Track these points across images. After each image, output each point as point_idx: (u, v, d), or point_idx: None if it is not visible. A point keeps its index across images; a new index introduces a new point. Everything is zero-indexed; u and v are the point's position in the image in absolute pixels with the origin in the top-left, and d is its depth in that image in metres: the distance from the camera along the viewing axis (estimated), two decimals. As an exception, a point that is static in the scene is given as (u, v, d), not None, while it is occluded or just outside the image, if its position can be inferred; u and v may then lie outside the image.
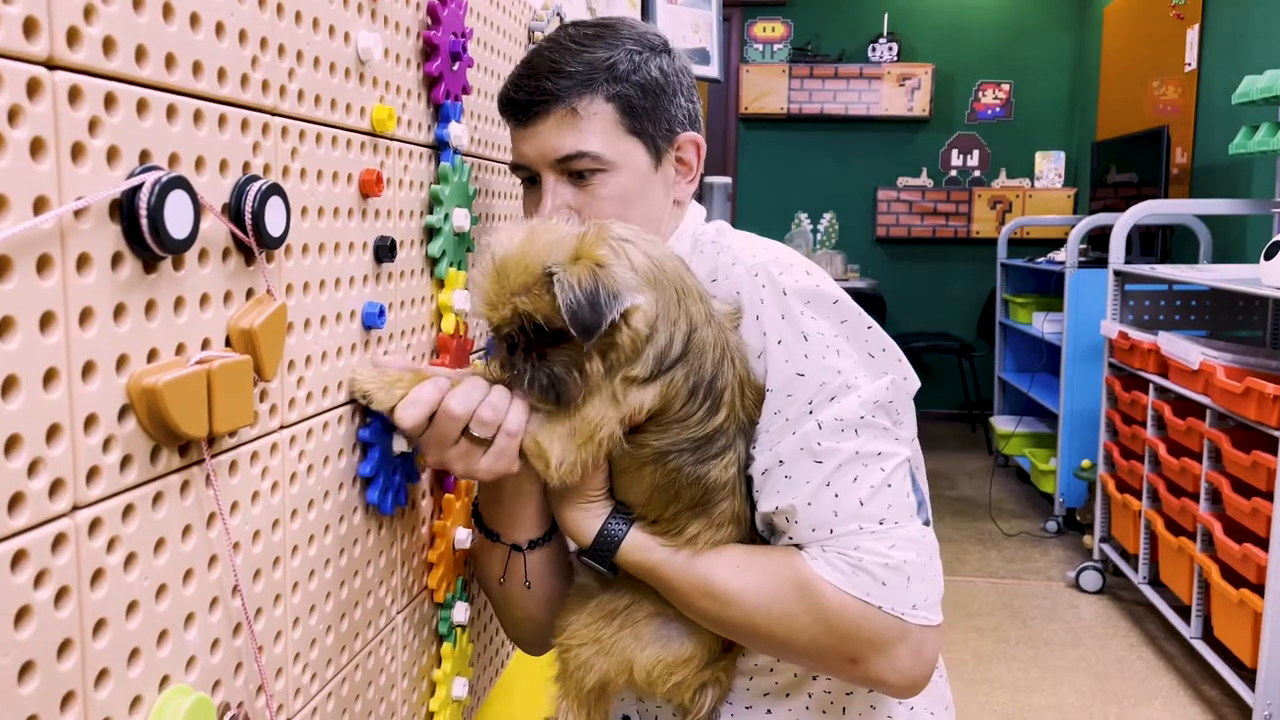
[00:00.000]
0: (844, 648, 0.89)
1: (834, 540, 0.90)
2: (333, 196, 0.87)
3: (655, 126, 1.05)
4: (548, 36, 1.09)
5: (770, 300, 0.93)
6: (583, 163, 1.02)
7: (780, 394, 0.92)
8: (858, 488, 0.90)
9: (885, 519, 0.90)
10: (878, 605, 0.88)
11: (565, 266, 0.84)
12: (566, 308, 0.82)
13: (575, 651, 1.00)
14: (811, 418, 0.90)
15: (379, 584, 1.00)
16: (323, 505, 0.87)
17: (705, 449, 0.91)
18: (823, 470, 0.90)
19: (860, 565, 0.88)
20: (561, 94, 1.01)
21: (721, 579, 0.92)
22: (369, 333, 0.95)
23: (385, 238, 0.97)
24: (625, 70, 1.03)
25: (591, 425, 0.87)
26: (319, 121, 0.84)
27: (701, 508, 0.93)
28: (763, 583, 0.91)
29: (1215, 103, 3.99)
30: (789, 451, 0.91)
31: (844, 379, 0.91)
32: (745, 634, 0.95)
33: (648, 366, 0.87)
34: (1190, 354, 2.62)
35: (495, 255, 0.88)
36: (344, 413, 0.91)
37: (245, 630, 0.74)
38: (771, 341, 0.92)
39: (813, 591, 0.89)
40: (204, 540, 0.69)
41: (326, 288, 0.87)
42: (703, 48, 3.21)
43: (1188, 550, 2.67)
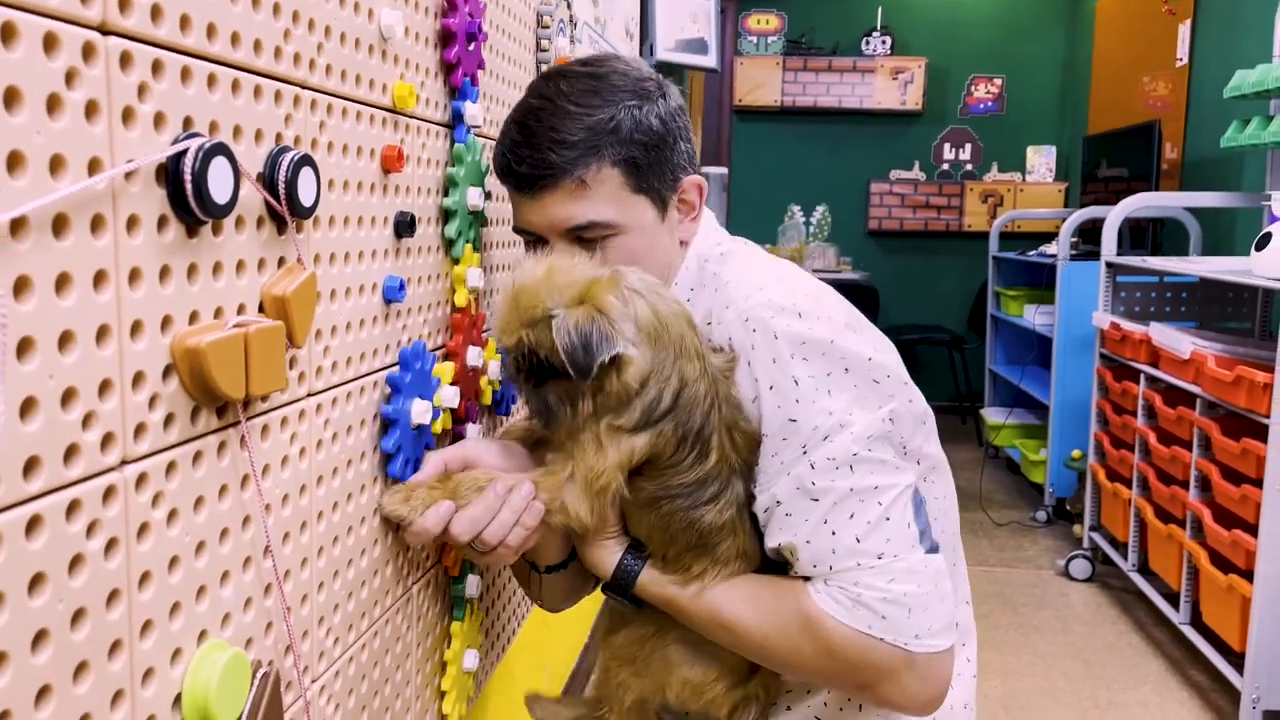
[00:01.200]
0: (852, 675, 0.93)
1: (835, 575, 0.92)
2: (357, 170, 0.89)
3: (660, 180, 1.04)
4: (538, 92, 1.05)
5: (761, 346, 0.95)
6: (594, 231, 1.01)
7: (775, 438, 0.94)
8: (854, 524, 0.91)
9: (884, 553, 0.91)
10: (879, 637, 0.90)
11: (567, 309, 0.89)
12: (563, 348, 0.87)
13: (615, 671, 1.06)
14: (805, 458, 0.92)
15: (396, 554, 1.01)
16: (345, 473, 0.89)
17: (698, 494, 0.95)
18: (819, 508, 0.92)
19: (860, 600, 0.91)
20: (568, 166, 0.99)
21: (731, 612, 0.96)
22: (389, 306, 0.97)
23: (405, 213, 0.98)
24: (628, 130, 1.00)
25: (594, 473, 0.93)
26: (345, 96, 0.86)
27: (701, 549, 0.97)
28: (769, 616, 0.95)
29: (1206, 97, 4.03)
30: (785, 492, 0.94)
31: (836, 419, 0.92)
32: (760, 659, 1.00)
33: (633, 418, 0.92)
34: (1181, 344, 2.66)
35: (514, 283, 0.93)
36: (366, 384, 0.92)
37: (275, 590, 0.76)
38: (764, 388, 0.94)
39: (816, 625, 0.92)
40: (239, 501, 0.70)
41: (351, 260, 0.88)
42: (700, 38, 3.23)
43: (1177, 537, 2.70)
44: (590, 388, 0.91)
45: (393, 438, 0.96)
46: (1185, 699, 2.66)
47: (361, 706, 0.94)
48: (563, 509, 0.95)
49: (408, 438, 0.98)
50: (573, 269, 0.93)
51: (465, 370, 1.15)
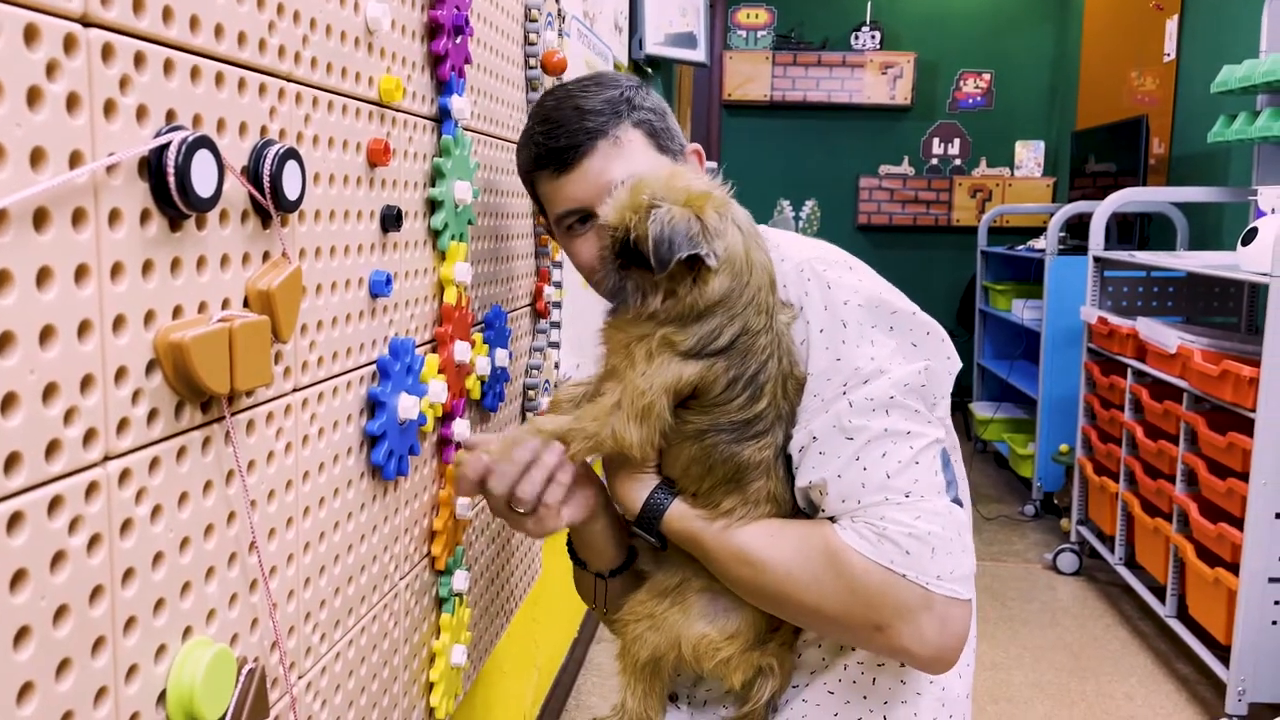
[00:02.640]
0: (870, 614, 0.92)
1: (861, 511, 0.93)
2: (343, 164, 0.88)
3: (672, 142, 1.15)
4: (550, 96, 1.15)
5: (815, 293, 0.99)
6: None
7: (819, 378, 0.97)
8: (885, 462, 0.93)
9: (911, 492, 0.93)
10: (901, 573, 0.90)
11: (670, 204, 0.93)
12: (653, 236, 0.92)
13: (631, 627, 1.05)
14: (844, 397, 0.95)
15: (383, 549, 1.01)
16: (332, 469, 0.88)
17: (743, 431, 0.96)
18: (852, 446, 0.94)
19: (885, 534, 0.91)
20: (601, 128, 1.09)
21: (755, 546, 0.97)
22: (375, 301, 0.96)
23: (392, 207, 0.98)
24: (638, 101, 1.12)
25: (639, 391, 0.95)
26: (330, 89, 0.85)
27: (735, 484, 0.98)
28: (793, 550, 0.96)
29: (1193, 93, 4.04)
30: (822, 429, 0.95)
31: (877, 365, 0.96)
32: (778, 600, 0.98)
33: (689, 342, 0.94)
34: (1168, 338, 2.67)
35: (636, 176, 0.98)
36: (351, 379, 0.92)
37: (261, 587, 0.76)
38: (814, 331, 0.98)
39: (840, 558, 0.92)
40: (223, 496, 0.70)
41: (337, 254, 0.88)
42: (690, 32, 3.22)
43: (1163, 531, 2.72)
44: (664, 286, 0.94)
45: (378, 421, 0.95)
46: (1171, 691, 2.68)
47: (349, 703, 0.94)
48: (613, 435, 0.96)
49: (393, 427, 0.98)
50: (694, 179, 0.98)
51: (453, 365, 1.14)
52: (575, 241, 1.14)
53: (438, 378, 1.09)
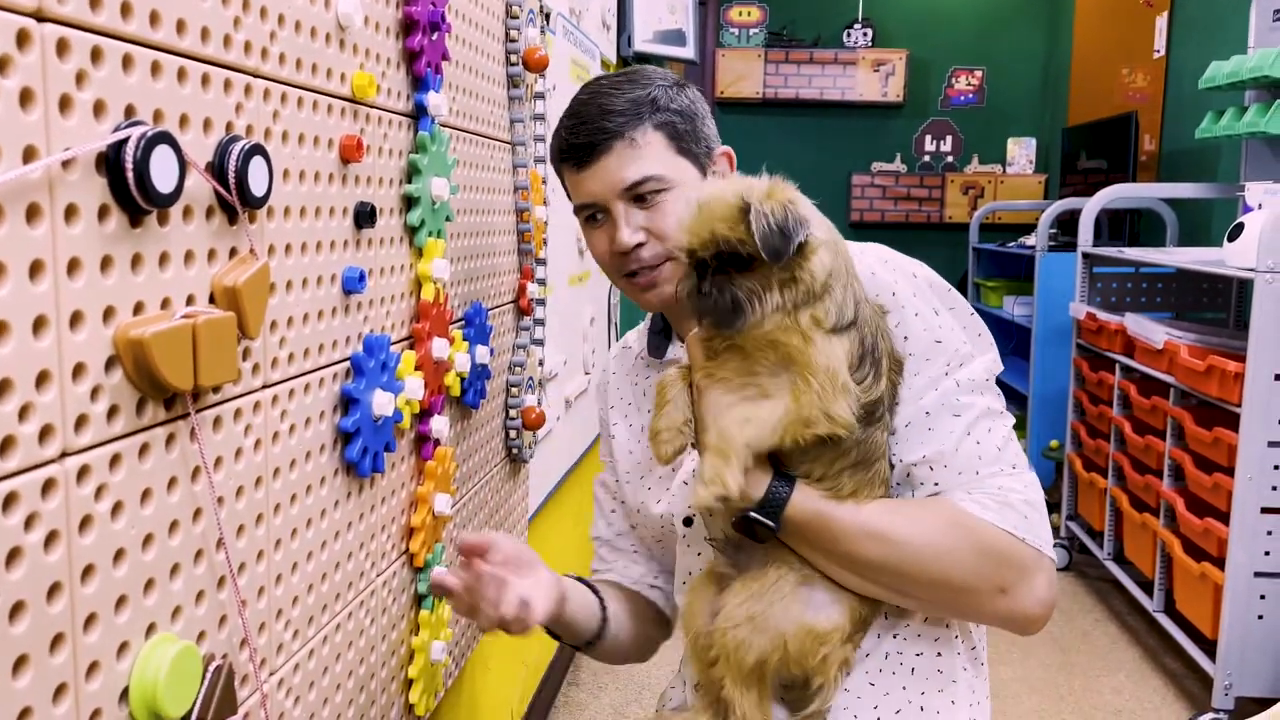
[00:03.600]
0: (996, 578, 0.97)
1: (979, 481, 0.99)
2: (314, 160, 0.88)
3: (697, 145, 1.17)
4: (585, 89, 1.19)
5: (903, 281, 1.04)
6: (648, 185, 1.12)
7: (920, 358, 1.02)
8: (993, 437, 1.01)
9: (1017, 464, 1.01)
10: (1022, 537, 0.97)
11: (760, 199, 0.95)
12: (759, 231, 0.92)
13: (731, 634, 1.02)
14: (948, 378, 1.01)
15: (359, 546, 1.01)
16: (304, 465, 0.88)
17: (872, 413, 0.98)
18: (962, 422, 1.00)
19: (1007, 502, 0.97)
20: (619, 129, 1.12)
21: (886, 521, 0.99)
22: (349, 297, 0.96)
23: (365, 203, 0.98)
24: (665, 102, 1.15)
25: (831, 371, 0.94)
26: (300, 85, 0.85)
27: (862, 466, 1.00)
28: (923, 522, 0.99)
29: (1183, 89, 4.05)
30: (932, 405, 1.01)
31: (968, 349, 1.04)
32: (907, 574, 1.00)
33: (830, 317, 0.95)
34: (1155, 334, 2.67)
35: (702, 194, 0.98)
36: (325, 375, 0.92)
37: (229, 583, 0.76)
38: (909, 314, 1.02)
39: (970, 526, 0.97)
40: (189, 493, 0.70)
41: (308, 250, 0.88)
42: (679, 29, 3.22)
43: (1151, 526, 2.72)
44: (781, 278, 0.95)
45: (352, 418, 0.95)
46: (1159, 686, 2.69)
47: (323, 699, 0.94)
48: (828, 417, 0.95)
49: (367, 424, 0.98)
50: (752, 181, 0.98)
51: (430, 362, 1.14)
52: (591, 233, 1.18)
53: (414, 374, 1.09)
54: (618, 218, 1.12)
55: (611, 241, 1.14)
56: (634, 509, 1.26)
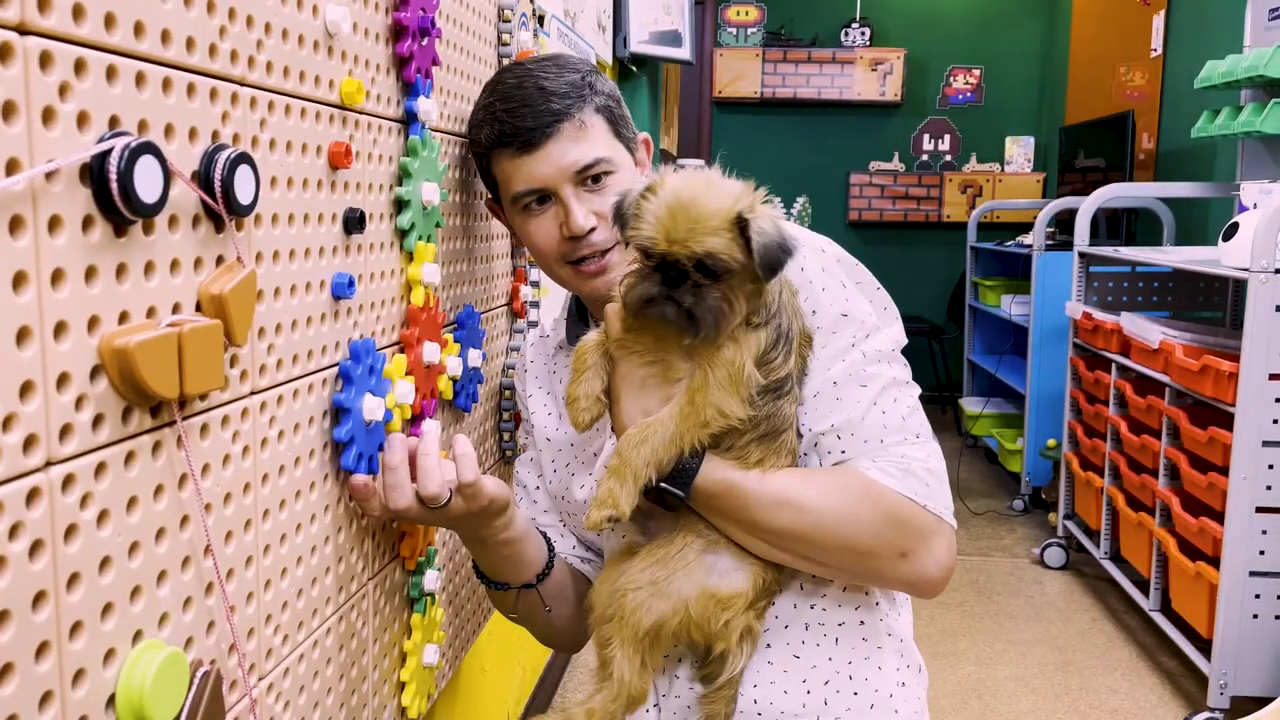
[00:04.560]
0: (899, 541, 1.01)
1: (884, 450, 1.03)
2: (302, 167, 0.89)
3: (627, 129, 1.18)
4: (505, 76, 1.17)
5: (812, 258, 1.06)
6: (598, 168, 1.13)
7: (828, 331, 1.04)
8: (898, 407, 1.04)
9: (921, 434, 1.05)
10: (923, 504, 1.01)
11: (752, 211, 0.95)
12: (761, 249, 0.93)
13: (631, 596, 1.03)
14: (855, 349, 1.04)
15: (350, 550, 1.01)
16: (294, 471, 0.89)
17: (780, 388, 1.01)
18: (869, 392, 1.03)
19: (909, 470, 1.01)
20: (567, 110, 1.11)
21: (794, 489, 1.02)
22: (338, 303, 0.97)
23: (354, 209, 0.98)
24: (599, 86, 1.15)
25: (736, 368, 0.97)
26: (287, 93, 0.85)
27: (770, 437, 1.02)
28: (831, 489, 1.02)
29: (1180, 88, 4.05)
30: (839, 376, 1.03)
31: (874, 322, 1.06)
32: (813, 539, 1.02)
33: (760, 316, 0.99)
34: (1150, 333, 2.68)
35: (679, 195, 0.95)
36: (314, 381, 0.92)
37: (217, 589, 0.76)
38: (817, 289, 1.05)
39: (874, 492, 1.01)
40: (176, 500, 0.70)
41: (296, 257, 0.88)
42: (674, 30, 3.22)
43: (1147, 525, 2.73)
44: (748, 290, 0.97)
45: (345, 427, 0.96)
46: (1155, 685, 2.69)
47: (314, 703, 0.95)
48: (719, 413, 0.98)
49: (360, 430, 0.98)
50: (724, 181, 0.98)
51: (421, 366, 1.15)
52: (531, 221, 1.17)
53: (405, 378, 1.09)
54: (568, 201, 1.13)
55: (562, 227, 1.14)
56: (558, 495, 1.27)
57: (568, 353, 1.25)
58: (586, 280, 1.17)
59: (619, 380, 1.04)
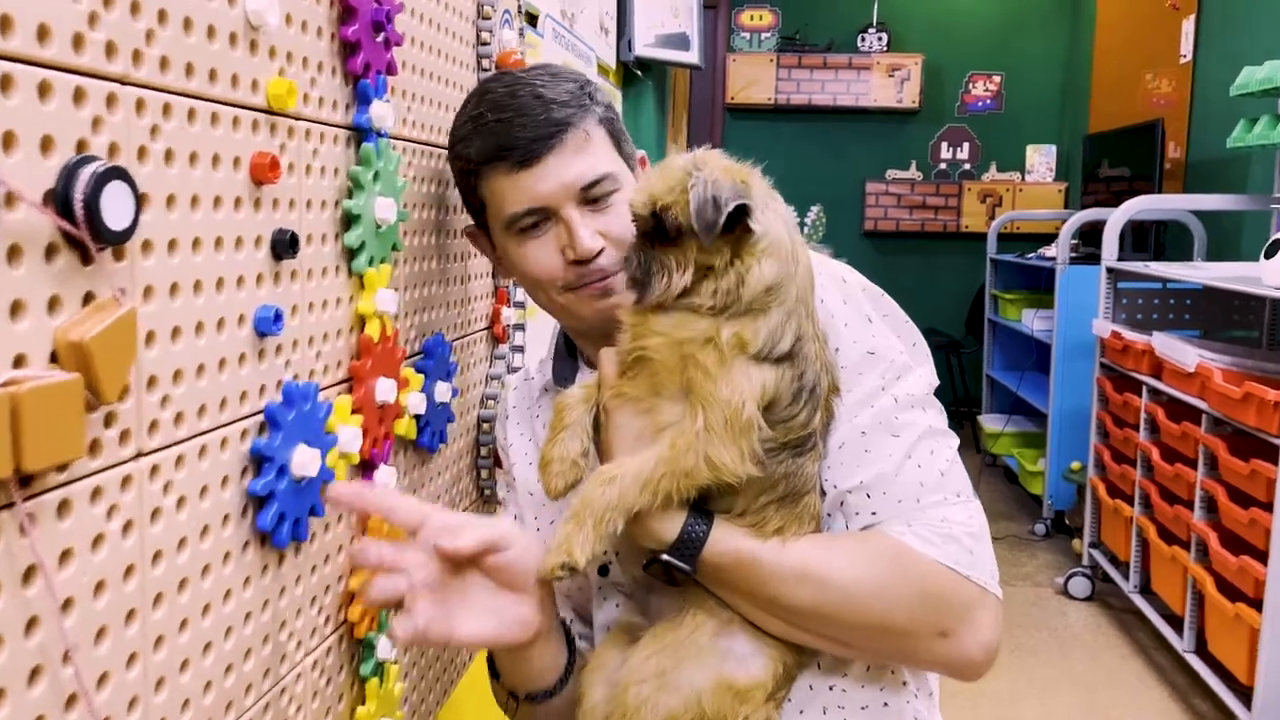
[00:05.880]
0: (938, 619, 0.89)
1: (920, 512, 0.90)
2: (212, 183, 0.75)
3: (626, 145, 1.08)
4: (495, 84, 1.05)
5: (831, 287, 0.95)
6: (604, 185, 1.01)
7: (853, 372, 0.93)
8: (936, 460, 0.92)
9: (961, 492, 0.92)
10: (966, 574, 0.88)
11: (711, 169, 0.85)
12: (695, 198, 0.83)
13: (634, 690, 0.89)
14: (885, 393, 0.92)
15: (279, 626, 0.87)
16: (199, 544, 0.75)
17: (802, 444, 0.90)
18: (902, 443, 0.91)
19: (950, 535, 0.89)
20: (569, 120, 1.00)
21: (818, 559, 0.89)
22: (264, 340, 0.83)
23: (285, 231, 0.84)
24: (600, 97, 1.04)
25: (733, 408, 0.83)
26: (192, 95, 0.72)
27: (790, 499, 0.90)
28: (859, 559, 0.89)
29: (1211, 95, 3.89)
30: (867, 424, 0.91)
31: (905, 360, 0.94)
32: (840, 618, 0.89)
33: (759, 341, 0.85)
34: (1186, 355, 2.52)
35: (662, 162, 0.89)
36: (230, 434, 0.78)
37: (82, 702, 0.62)
38: (839, 324, 0.94)
39: (909, 561, 0.88)
40: (19, 600, 0.56)
41: (205, 290, 0.74)
42: (682, 33, 3.08)
43: (1181, 560, 2.56)
44: (701, 262, 0.85)
45: (264, 480, 0.81)
46: (1189, 731, 2.53)
47: (229, 810, 0.80)
48: (709, 464, 0.84)
49: (287, 489, 0.84)
50: (725, 161, 0.89)
51: (373, 406, 1.01)
52: (528, 245, 1.03)
53: (350, 422, 0.95)
54: (572, 222, 0.99)
55: (564, 250, 1.01)
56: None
57: (554, 395, 1.12)
58: (590, 302, 1.02)
59: (613, 434, 0.90)
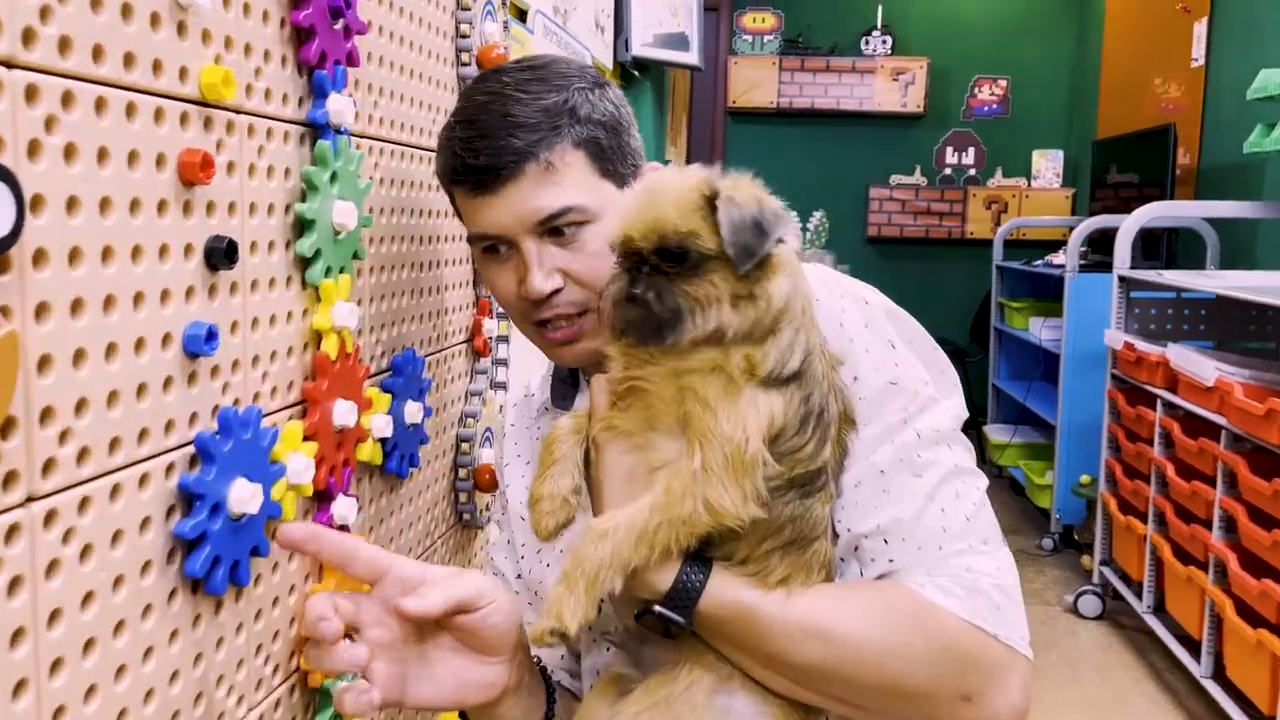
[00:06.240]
0: (961, 682, 0.80)
1: (943, 561, 0.82)
2: (129, 184, 0.65)
3: (623, 164, 0.98)
4: (478, 88, 0.97)
5: (852, 309, 0.88)
6: (567, 218, 0.92)
7: (871, 403, 0.85)
8: (962, 503, 0.84)
9: (989, 539, 0.84)
10: (993, 633, 0.80)
11: (729, 187, 0.78)
12: (729, 223, 0.75)
13: None
14: (908, 427, 0.84)
15: (216, 681, 0.78)
16: (110, 597, 0.65)
17: (813, 483, 0.81)
18: (924, 484, 0.83)
19: (975, 587, 0.81)
20: (531, 149, 0.91)
21: (826, 614, 0.80)
22: (195, 362, 0.73)
23: (221, 238, 0.75)
24: (585, 111, 0.95)
25: (736, 445, 0.75)
26: (101, 81, 0.62)
27: (797, 546, 0.81)
28: (874, 614, 0.81)
29: (1224, 100, 3.79)
30: (887, 461, 0.83)
31: (930, 391, 0.87)
32: (852, 679, 0.81)
33: (769, 363, 0.77)
34: (1204, 369, 2.42)
35: (649, 185, 0.82)
36: (152, 468, 0.69)
37: (-51, 797, 0.52)
38: (859, 350, 0.86)
39: (930, 617, 0.80)
40: None
41: (118, 305, 0.65)
42: (681, 32, 2.99)
43: (1198, 581, 2.46)
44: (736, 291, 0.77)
45: (193, 519, 0.72)
46: (1207, 760, 2.43)
47: None
48: (708, 508, 0.75)
49: (223, 529, 0.75)
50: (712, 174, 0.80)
51: (330, 431, 0.91)
52: (491, 268, 0.98)
53: (302, 449, 0.86)
54: (529, 257, 0.92)
55: (520, 284, 0.93)
56: (532, 588, 1.05)
57: (554, 416, 1.04)
58: (553, 348, 0.97)
59: (603, 471, 0.83)
